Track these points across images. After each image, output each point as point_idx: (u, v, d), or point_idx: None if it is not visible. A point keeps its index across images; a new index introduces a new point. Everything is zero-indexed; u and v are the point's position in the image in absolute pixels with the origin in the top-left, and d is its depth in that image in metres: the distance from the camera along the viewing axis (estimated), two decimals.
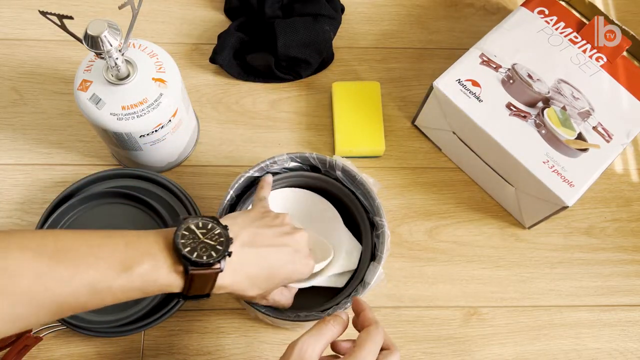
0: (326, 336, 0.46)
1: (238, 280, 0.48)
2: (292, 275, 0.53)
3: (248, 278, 0.49)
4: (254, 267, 0.49)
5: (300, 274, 0.53)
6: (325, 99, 0.79)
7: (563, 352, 0.69)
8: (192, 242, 0.45)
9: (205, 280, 0.46)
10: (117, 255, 0.43)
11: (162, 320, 0.63)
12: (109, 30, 0.53)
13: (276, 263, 0.51)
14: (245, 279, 0.49)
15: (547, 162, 0.65)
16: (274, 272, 0.51)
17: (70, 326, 0.62)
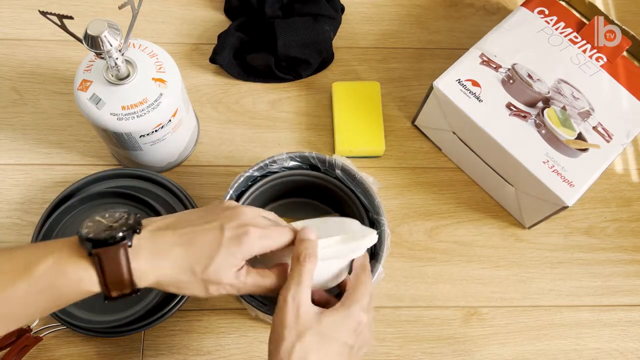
0: (309, 277, 0.46)
1: (160, 265, 0.44)
2: (228, 253, 0.45)
3: (173, 263, 0.44)
4: (176, 249, 0.44)
5: (238, 250, 0.45)
6: (325, 99, 0.79)
7: (563, 352, 0.69)
8: (96, 227, 0.43)
9: (116, 264, 0.42)
10: (19, 260, 0.42)
11: (162, 320, 0.63)
12: (109, 30, 0.53)
13: (203, 241, 0.45)
14: (169, 265, 0.44)
15: (547, 162, 0.65)
16: (204, 253, 0.45)
17: (70, 326, 0.62)
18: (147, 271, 0.44)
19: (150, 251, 0.44)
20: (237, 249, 0.45)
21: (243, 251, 0.45)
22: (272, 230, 0.47)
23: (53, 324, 0.64)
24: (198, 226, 0.46)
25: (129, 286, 0.43)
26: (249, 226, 0.46)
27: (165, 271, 0.44)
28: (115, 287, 0.43)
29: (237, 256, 0.45)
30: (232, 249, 0.45)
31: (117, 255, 0.42)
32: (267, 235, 0.46)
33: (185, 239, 0.45)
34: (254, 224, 0.46)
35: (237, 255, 0.45)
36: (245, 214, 0.47)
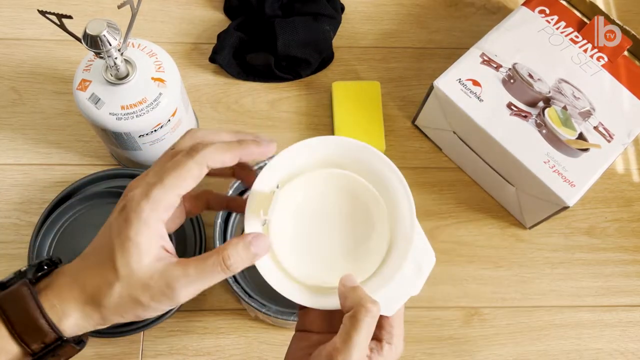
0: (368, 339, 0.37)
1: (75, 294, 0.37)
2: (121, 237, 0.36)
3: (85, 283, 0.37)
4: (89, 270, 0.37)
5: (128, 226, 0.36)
6: (325, 98, 0.79)
7: (564, 352, 0.68)
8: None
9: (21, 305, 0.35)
10: None
11: (161, 321, 0.63)
12: (108, 30, 0.53)
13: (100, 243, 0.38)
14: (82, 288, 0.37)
15: (548, 162, 0.65)
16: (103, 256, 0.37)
17: None
18: (64, 307, 0.36)
19: (60, 283, 0.37)
20: (125, 227, 0.36)
21: (136, 229, 0.36)
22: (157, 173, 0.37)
23: None
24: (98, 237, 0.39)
25: (49, 332, 0.36)
26: (128, 194, 0.37)
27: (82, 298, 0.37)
28: (32, 337, 0.36)
29: (132, 236, 0.36)
30: (123, 234, 0.36)
31: (20, 295, 0.36)
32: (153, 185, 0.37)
33: (86, 253, 0.39)
34: (132, 187, 0.38)
35: (132, 234, 0.36)
36: (129, 185, 0.38)
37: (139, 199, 0.36)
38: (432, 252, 0.42)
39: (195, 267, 0.37)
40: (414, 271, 0.41)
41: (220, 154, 0.38)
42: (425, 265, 0.41)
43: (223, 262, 0.37)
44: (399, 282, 0.40)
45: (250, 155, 0.39)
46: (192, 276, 0.37)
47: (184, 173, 0.37)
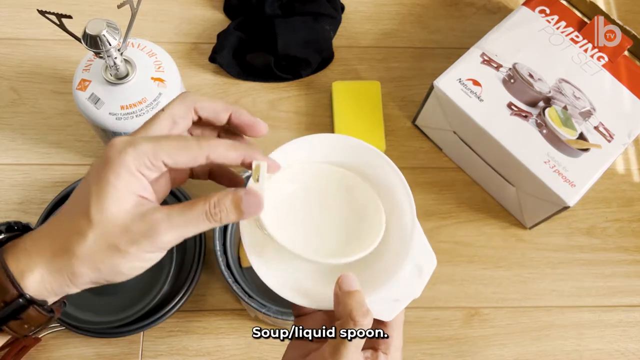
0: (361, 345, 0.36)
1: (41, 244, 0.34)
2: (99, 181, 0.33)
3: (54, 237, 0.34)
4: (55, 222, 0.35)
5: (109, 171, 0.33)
6: (325, 98, 0.79)
7: (564, 352, 0.68)
8: None
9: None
10: None
11: (161, 321, 0.63)
12: (108, 30, 0.53)
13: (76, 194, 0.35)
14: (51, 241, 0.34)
15: (548, 162, 0.65)
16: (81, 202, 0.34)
17: (69, 327, 0.62)
18: (29, 261, 0.34)
19: (30, 238, 0.35)
20: (106, 175, 0.33)
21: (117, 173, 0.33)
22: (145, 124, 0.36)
23: (52, 324, 0.64)
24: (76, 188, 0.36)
25: (7, 287, 0.33)
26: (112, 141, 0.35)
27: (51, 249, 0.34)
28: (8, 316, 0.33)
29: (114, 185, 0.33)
30: (102, 179, 0.33)
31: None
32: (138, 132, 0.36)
33: (62, 207, 0.36)
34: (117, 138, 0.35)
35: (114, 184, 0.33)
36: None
37: (124, 145, 0.34)
38: (433, 255, 0.41)
39: (179, 212, 0.34)
40: (415, 273, 0.40)
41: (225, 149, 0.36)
42: (426, 267, 0.40)
43: (209, 210, 0.35)
44: (399, 285, 0.39)
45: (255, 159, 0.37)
46: (175, 221, 0.34)
47: (183, 147, 0.35)
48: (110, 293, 0.64)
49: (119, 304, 0.63)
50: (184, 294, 0.64)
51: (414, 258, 0.39)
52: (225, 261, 0.62)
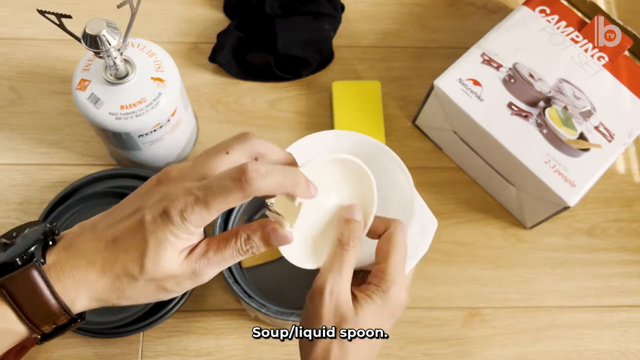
0: (351, 265, 0.40)
1: (90, 278, 0.36)
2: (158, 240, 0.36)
3: (103, 271, 0.36)
4: (102, 254, 0.37)
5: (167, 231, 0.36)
6: (325, 98, 0.79)
7: (565, 353, 0.68)
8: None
9: (32, 290, 0.35)
10: None
11: (161, 321, 0.63)
12: (108, 30, 0.53)
13: (126, 235, 0.37)
14: (100, 274, 0.36)
15: (549, 162, 0.65)
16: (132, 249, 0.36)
17: None
18: (77, 289, 0.36)
19: (73, 264, 0.36)
20: (165, 230, 0.36)
21: (176, 230, 0.36)
22: (207, 187, 0.36)
23: None
24: (118, 218, 0.38)
25: (61, 314, 0.36)
26: (168, 199, 0.36)
27: (99, 284, 0.36)
28: (43, 320, 0.35)
29: (171, 240, 0.36)
30: (160, 233, 0.36)
31: (30, 278, 0.35)
32: (200, 197, 0.36)
33: (107, 237, 0.37)
34: (175, 193, 0.36)
35: (171, 239, 0.36)
36: (167, 180, 0.38)
37: (182, 209, 0.36)
38: (434, 218, 0.47)
39: (215, 253, 0.38)
40: (420, 233, 0.46)
41: (268, 188, 0.37)
42: (429, 228, 0.46)
43: (241, 248, 0.38)
44: (409, 243, 0.43)
45: (295, 193, 0.39)
46: (213, 260, 0.38)
47: (230, 200, 0.36)
48: None
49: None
50: (184, 294, 0.64)
51: (419, 221, 0.45)
52: None
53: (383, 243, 0.42)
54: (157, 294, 0.38)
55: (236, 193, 0.36)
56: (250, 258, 0.68)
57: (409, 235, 0.44)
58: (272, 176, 0.36)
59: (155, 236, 0.36)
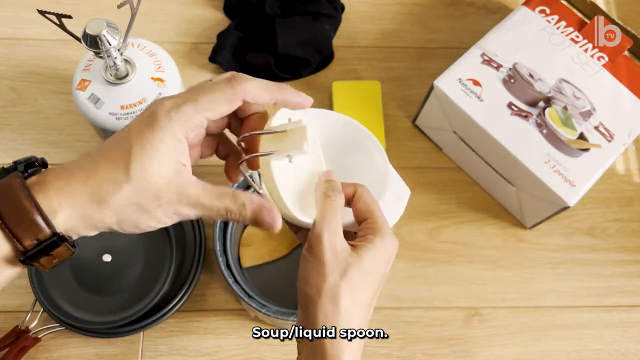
0: (341, 214, 0.42)
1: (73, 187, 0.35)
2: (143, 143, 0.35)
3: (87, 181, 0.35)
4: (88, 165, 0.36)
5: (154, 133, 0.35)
6: (325, 98, 0.79)
7: (564, 352, 0.68)
8: None
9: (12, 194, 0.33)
10: None
11: (161, 321, 0.63)
12: (108, 30, 0.53)
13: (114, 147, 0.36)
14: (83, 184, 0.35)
15: (549, 162, 0.65)
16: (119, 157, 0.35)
17: (69, 327, 0.62)
18: (59, 199, 0.34)
19: (56, 176, 0.35)
20: (150, 132, 0.35)
21: (161, 137, 0.35)
22: (193, 91, 0.37)
23: (52, 324, 0.64)
24: (111, 139, 0.37)
25: (42, 227, 0.34)
26: (157, 103, 0.36)
27: (83, 192, 0.35)
28: (25, 231, 0.33)
29: (156, 143, 0.35)
30: (146, 135, 0.35)
31: (10, 185, 0.34)
32: (187, 99, 0.36)
33: (93, 154, 0.36)
34: (164, 99, 0.37)
35: (157, 146, 0.35)
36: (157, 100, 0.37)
37: (169, 109, 0.36)
38: (407, 187, 0.50)
39: (208, 198, 0.37)
40: (394, 200, 0.49)
41: (259, 91, 0.39)
42: (402, 195, 0.50)
43: (233, 210, 0.38)
44: (385, 209, 0.45)
45: (287, 102, 0.41)
46: (201, 202, 0.37)
47: (220, 98, 0.37)
48: (110, 293, 0.64)
49: (119, 304, 0.63)
50: (184, 294, 0.64)
51: (392, 188, 0.48)
52: (225, 261, 0.62)
53: (359, 203, 0.43)
54: (138, 217, 0.36)
55: (226, 90, 0.37)
56: (251, 258, 0.68)
57: (385, 202, 0.46)
58: (261, 82, 0.38)
59: (141, 139, 0.35)
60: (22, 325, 0.64)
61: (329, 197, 0.42)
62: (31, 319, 0.64)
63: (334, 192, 0.42)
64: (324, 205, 0.42)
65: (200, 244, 0.66)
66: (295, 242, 0.68)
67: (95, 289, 0.64)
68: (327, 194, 0.42)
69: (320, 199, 0.42)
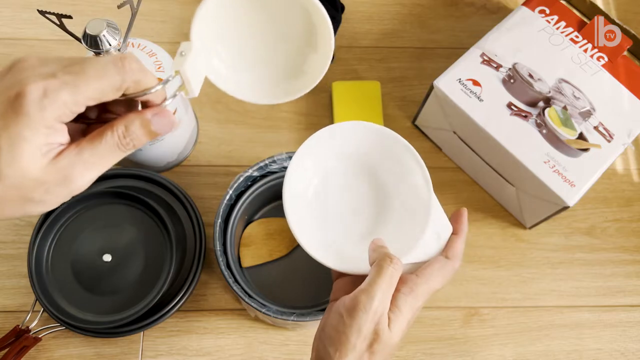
0: (393, 288, 0.41)
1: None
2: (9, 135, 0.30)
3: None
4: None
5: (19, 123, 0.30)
6: (325, 98, 0.79)
7: (564, 352, 0.68)
8: None
9: None
10: None
11: (161, 321, 0.63)
12: (108, 30, 0.53)
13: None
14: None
15: (548, 162, 0.65)
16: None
17: (69, 327, 0.62)
18: None
19: None
20: (18, 123, 0.30)
21: (31, 124, 0.30)
22: (73, 73, 0.31)
23: (52, 324, 0.64)
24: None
25: None
26: (25, 80, 0.30)
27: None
28: None
29: (26, 135, 0.30)
30: (12, 128, 0.30)
31: None
32: (66, 82, 0.31)
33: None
34: (34, 74, 0.31)
35: (27, 134, 0.30)
36: (20, 65, 0.31)
37: (41, 96, 0.30)
38: (449, 223, 0.47)
39: (90, 150, 0.33)
40: (434, 239, 0.46)
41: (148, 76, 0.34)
42: (443, 233, 0.46)
43: (119, 141, 0.34)
44: (422, 251, 0.45)
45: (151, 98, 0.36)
46: (89, 161, 0.33)
47: (107, 85, 0.32)
48: (111, 293, 0.64)
49: (119, 304, 0.63)
50: (184, 294, 0.64)
51: (433, 226, 0.46)
52: (225, 261, 0.62)
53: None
54: (24, 206, 0.32)
55: (114, 74, 0.32)
56: (250, 258, 0.68)
57: (423, 241, 0.45)
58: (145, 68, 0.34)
59: (7, 132, 0.30)
60: (23, 325, 0.64)
61: (391, 264, 0.41)
62: (31, 319, 0.64)
63: (392, 259, 0.41)
64: (379, 272, 0.41)
65: (200, 244, 0.66)
66: (295, 242, 0.68)
67: (96, 289, 0.64)
68: (383, 263, 0.41)
69: (375, 268, 0.41)
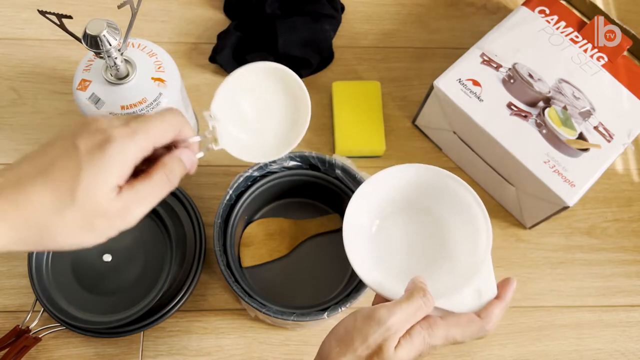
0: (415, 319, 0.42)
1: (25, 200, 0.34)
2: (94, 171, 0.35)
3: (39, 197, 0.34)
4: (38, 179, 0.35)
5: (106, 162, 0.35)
6: (325, 98, 0.79)
7: (564, 352, 0.68)
8: None
9: None
10: None
11: (161, 321, 0.63)
12: (108, 30, 0.53)
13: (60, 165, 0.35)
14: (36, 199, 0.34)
15: (548, 162, 0.65)
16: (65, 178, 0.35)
17: (70, 327, 0.62)
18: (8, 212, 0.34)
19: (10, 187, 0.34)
20: (102, 160, 0.35)
21: (113, 162, 0.35)
22: (142, 123, 0.38)
23: (52, 324, 0.64)
24: (50, 146, 0.36)
25: None
26: (108, 129, 0.36)
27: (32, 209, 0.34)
28: None
29: (108, 171, 0.35)
30: (97, 163, 0.35)
31: None
32: (138, 130, 0.37)
33: (41, 165, 0.35)
34: (113, 125, 0.37)
35: (108, 170, 0.35)
36: (98, 121, 0.37)
37: (124, 137, 0.36)
38: (495, 286, 0.45)
39: (143, 187, 0.38)
40: (475, 296, 0.44)
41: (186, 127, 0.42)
42: (485, 293, 0.44)
43: (168, 176, 0.39)
44: (458, 302, 0.44)
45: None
46: (142, 196, 0.38)
47: (169, 130, 0.39)
48: (111, 293, 0.64)
49: (119, 304, 0.63)
50: (184, 294, 0.64)
51: (478, 283, 0.44)
52: (225, 261, 0.62)
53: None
54: (84, 234, 0.36)
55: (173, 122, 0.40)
56: (250, 258, 0.68)
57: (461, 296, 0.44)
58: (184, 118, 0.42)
59: (91, 165, 0.35)
60: (23, 325, 0.64)
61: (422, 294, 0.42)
62: (31, 319, 0.64)
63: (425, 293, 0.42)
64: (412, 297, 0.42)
65: (200, 244, 0.66)
66: (295, 242, 0.68)
67: (96, 289, 0.64)
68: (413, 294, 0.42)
69: (406, 294, 0.43)
